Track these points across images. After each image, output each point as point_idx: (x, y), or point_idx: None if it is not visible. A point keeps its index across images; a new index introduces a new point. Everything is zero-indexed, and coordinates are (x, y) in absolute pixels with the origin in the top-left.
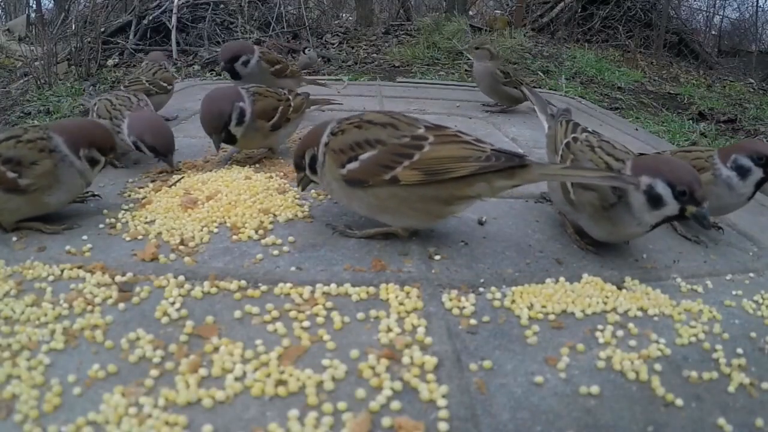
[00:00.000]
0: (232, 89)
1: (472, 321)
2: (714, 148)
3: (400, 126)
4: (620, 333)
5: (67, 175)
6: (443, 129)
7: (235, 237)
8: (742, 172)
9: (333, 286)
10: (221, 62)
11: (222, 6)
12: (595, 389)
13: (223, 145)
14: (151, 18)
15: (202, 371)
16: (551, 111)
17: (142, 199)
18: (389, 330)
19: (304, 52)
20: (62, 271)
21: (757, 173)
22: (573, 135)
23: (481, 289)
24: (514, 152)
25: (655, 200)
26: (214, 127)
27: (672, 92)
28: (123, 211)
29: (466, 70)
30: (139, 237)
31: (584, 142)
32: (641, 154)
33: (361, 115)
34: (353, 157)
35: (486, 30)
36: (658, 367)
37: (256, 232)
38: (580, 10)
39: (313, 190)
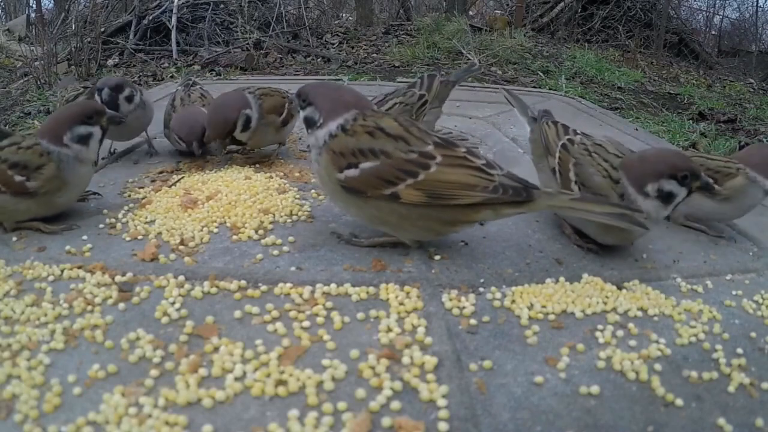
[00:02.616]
0: (239, 95)
1: (472, 321)
2: (731, 159)
3: (411, 140)
4: (620, 333)
5: (71, 173)
6: (452, 148)
7: (235, 237)
8: None
9: (333, 286)
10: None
11: (222, 6)
12: (595, 389)
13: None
14: (151, 18)
15: (202, 371)
16: (532, 113)
17: (142, 199)
18: (389, 330)
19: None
20: (62, 271)
21: None
22: (568, 137)
23: (481, 289)
24: (522, 183)
25: (667, 197)
26: (218, 133)
27: (672, 92)
28: (123, 211)
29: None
30: (139, 237)
31: (580, 145)
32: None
33: (378, 117)
34: (354, 163)
35: (486, 30)
36: (658, 367)
37: (256, 232)
38: (580, 10)
39: (313, 190)
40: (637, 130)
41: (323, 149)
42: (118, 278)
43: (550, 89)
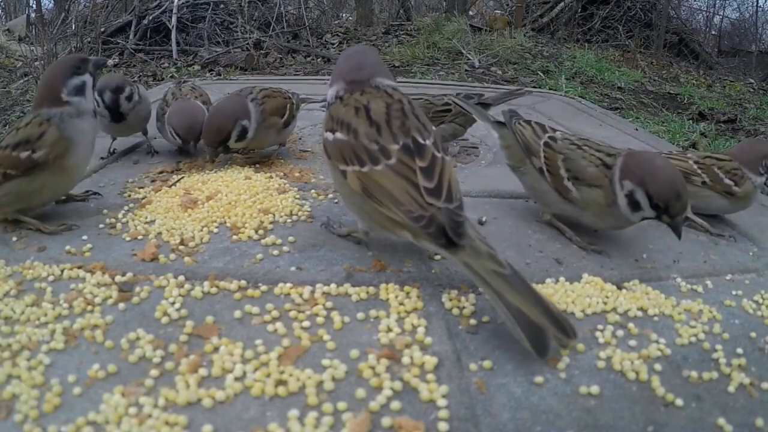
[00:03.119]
0: (240, 103)
1: (472, 321)
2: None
3: (383, 132)
4: (620, 333)
5: (73, 130)
6: (412, 157)
7: (235, 237)
8: None
9: (333, 286)
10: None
11: (222, 6)
12: (595, 389)
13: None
14: (151, 18)
15: (202, 371)
16: (494, 118)
17: (142, 199)
18: (389, 330)
19: None
20: (62, 271)
21: None
22: (548, 135)
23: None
24: (453, 229)
25: (634, 205)
26: (211, 141)
27: (672, 92)
28: (123, 211)
29: (466, 70)
30: (139, 237)
31: (565, 141)
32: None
33: (374, 96)
34: (334, 129)
35: (486, 30)
36: (658, 367)
37: (256, 232)
38: (580, 10)
39: (313, 190)
40: (637, 130)
41: (328, 110)
42: (118, 278)
43: (550, 89)
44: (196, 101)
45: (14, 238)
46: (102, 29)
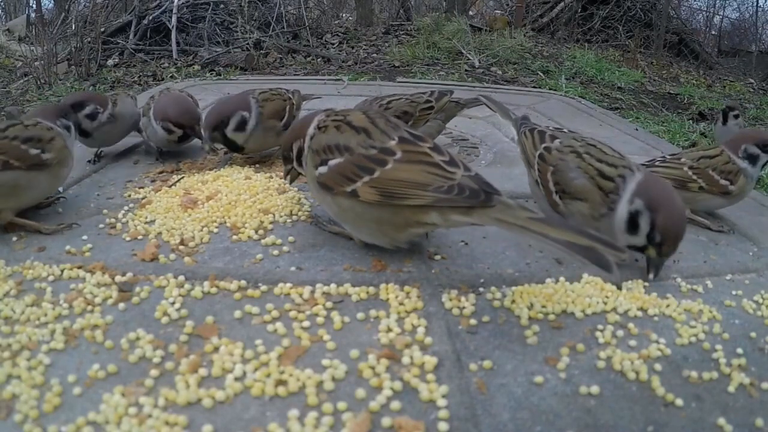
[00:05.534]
0: (243, 98)
1: (472, 321)
2: (723, 150)
3: (374, 134)
4: (620, 333)
5: (71, 144)
6: (416, 144)
7: (235, 237)
8: (753, 159)
9: (333, 286)
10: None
11: (222, 6)
12: (595, 389)
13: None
14: (151, 18)
15: (202, 371)
16: (514, 116)
17: (142, 199)
18: (389, 330)
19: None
20: (62, 271)
21: (765, 158)
22: (544, 145)
23: (481, 289)
24: (484, 188)
25: (632, 225)
26: (209, 124)
27: (672, 92)
28: (123, 211)
29: (466, 70)
30: (139, 237)
31: (566, 148)
32: (648, 162)
33: (347, 112)
34: (325, 161)
35: (486, 30)
36: (658, 367)
37: (256, 232)
38: (580, 10)
39: None
40: (637, 130)
41: (309, 149)
42: (118, 278)
43: (550, 89)
44: (186, 96)
45: (14, 238)
46: (102, 29)
